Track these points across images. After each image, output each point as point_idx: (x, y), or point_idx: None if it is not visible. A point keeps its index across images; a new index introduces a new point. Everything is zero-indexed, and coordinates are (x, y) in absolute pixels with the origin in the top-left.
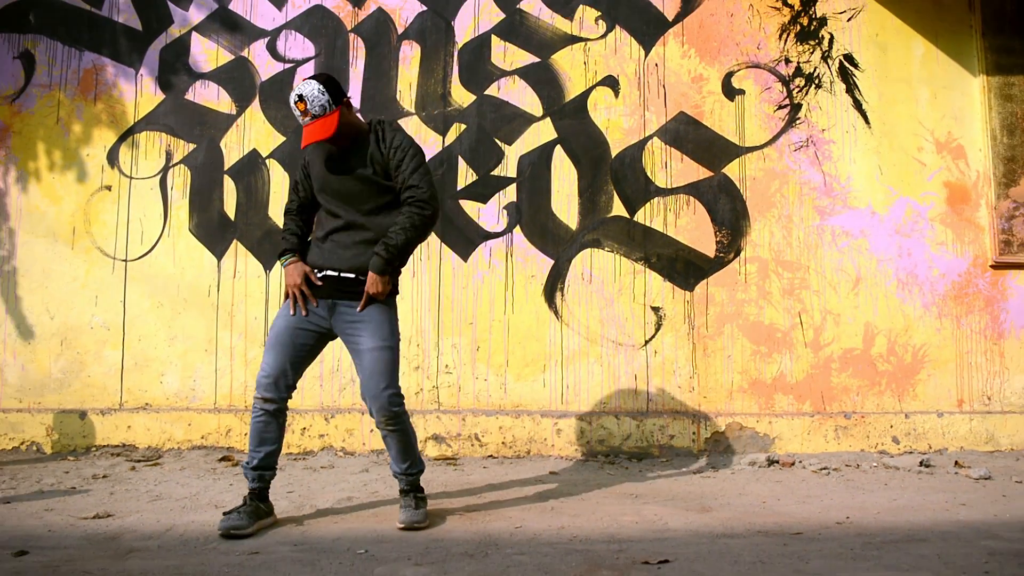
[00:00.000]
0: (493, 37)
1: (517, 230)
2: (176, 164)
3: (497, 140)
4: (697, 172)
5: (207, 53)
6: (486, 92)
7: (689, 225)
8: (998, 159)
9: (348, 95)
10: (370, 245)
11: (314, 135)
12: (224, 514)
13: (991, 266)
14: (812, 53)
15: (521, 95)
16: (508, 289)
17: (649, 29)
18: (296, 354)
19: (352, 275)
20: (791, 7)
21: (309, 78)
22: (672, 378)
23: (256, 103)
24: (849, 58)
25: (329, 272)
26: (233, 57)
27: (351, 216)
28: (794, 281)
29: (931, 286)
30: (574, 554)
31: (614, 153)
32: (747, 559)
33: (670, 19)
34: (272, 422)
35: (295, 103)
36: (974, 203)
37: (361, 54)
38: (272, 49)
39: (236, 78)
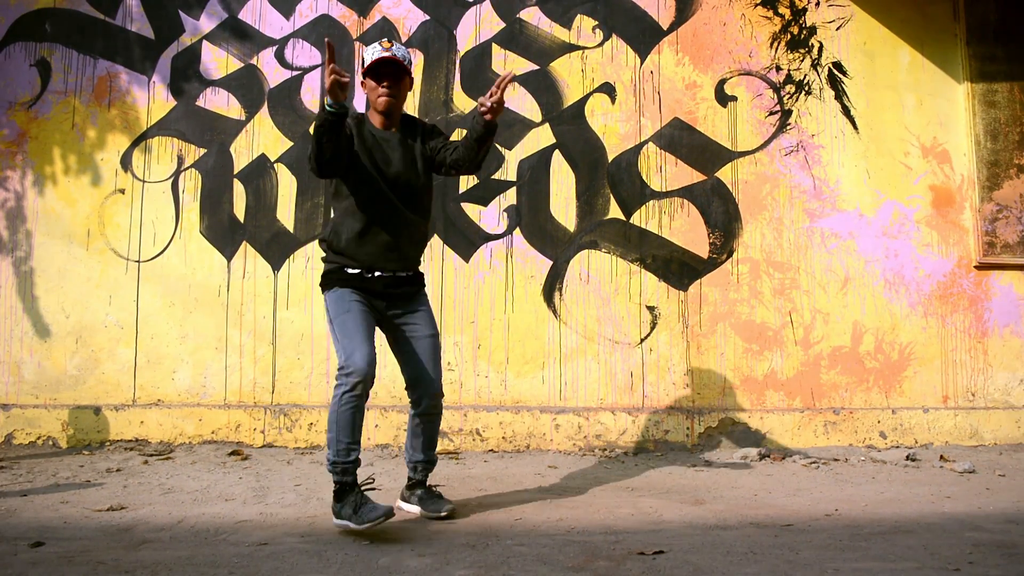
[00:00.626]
0: (494, 45)
1: (517, 232)
2: (187, 168)
3: (497, 145)
4: (691, 176)
5: (217, 61)
6: None
7: (683, 227)
8: (982, 163)
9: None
10: (418, 244)
11: (390, 61)
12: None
13: (975, 267)
14: (802, 61)
15: (521, 101)
16: (508, 289)
17: (645, 38)
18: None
19: (406, 273)
20: (782, 17)
21: None
22: (667, 375)
23: (265, 109)
24: (838, 66)
25: (384, 273)
26: (242, 65)
27: (409, 212)
28: (785, 281)
29: (917, 286)
30: (572, 545)
31: (611, 158)
32: (739, 550)
33: (665, 28)
34: (363, 408)
35: (382, 40)
36: (959, 206)
37: None
38: (280, 57)
39: (245, 85)
